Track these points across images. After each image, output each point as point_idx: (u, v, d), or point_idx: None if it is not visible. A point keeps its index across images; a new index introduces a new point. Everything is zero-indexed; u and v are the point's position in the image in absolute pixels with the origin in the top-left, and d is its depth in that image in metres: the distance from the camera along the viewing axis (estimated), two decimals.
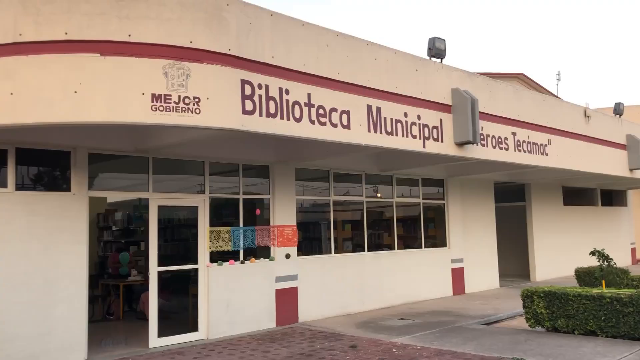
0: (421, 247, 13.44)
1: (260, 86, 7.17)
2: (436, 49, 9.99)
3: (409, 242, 13.33)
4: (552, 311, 8.83)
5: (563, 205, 18.50)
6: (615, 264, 10.30)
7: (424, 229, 13.59)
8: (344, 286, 11.34)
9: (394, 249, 12.76)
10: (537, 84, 24.56)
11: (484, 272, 15.01)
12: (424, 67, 9.77)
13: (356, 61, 8.53)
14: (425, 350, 7.76)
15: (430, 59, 10.09)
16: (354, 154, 10.06)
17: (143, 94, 6.39)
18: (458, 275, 14.08)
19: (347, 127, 8.26)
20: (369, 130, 8.61)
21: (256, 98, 7.10)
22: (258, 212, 10.24)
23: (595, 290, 8.76)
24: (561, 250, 17.69)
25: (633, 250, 22.33)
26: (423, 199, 13.68)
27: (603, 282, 9.64)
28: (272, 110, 7.28)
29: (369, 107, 8.64)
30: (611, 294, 8.39)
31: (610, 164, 15.33)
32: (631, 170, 16.18)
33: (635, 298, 8.07)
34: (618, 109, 16.16)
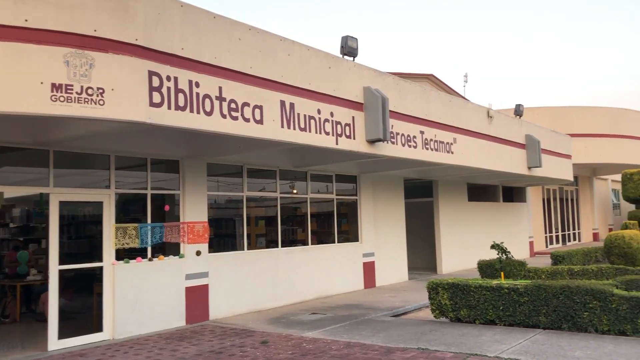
0: (334, 242, 13.65)
1: (169, 78, 6.99)
2: (349, 48, 10.15)
3: (322, 237, 13.49)
4: (456, 302, 9.25)
5: (468, 201, 19.41)
6: (512, 256, 10.95)
7: (337, 224, 13.80)
8: (257, 282, 11.30)
9: (307, 245, 12.86)
10: (445, 85, 25.59)
11: (394, 266, 15.47)
12: (337, 65, 9.90)
13: (269, 56, 8.51)
14: (335, 344, 7.89)
15: (343, 57, 10.23)
16: (267, 149, 10.05)
17: (42, 83, 6.05)
18: (369, 269, 14.43)
19: (260, 122, 8.23)
20: (282, 126, 8.62)
21: (164, 90, 6.91)
22: (167, 208, 9.97)
23: (494, 282, 9.26)
24: (466, 243, 18.57)
25: (531, 244, 23.83)
26: (336, 195, 13.89)
27: (502, 273, 10.23)
28: (181, 103, 7.11)
29: (283, 103, 8.65)
30: (509, 285, 8.91)
31: (511, 162, 16.26)
32: (529, 168, 17.24)
33: (530, 288, 8.62)
34: (518, 111, 17.16)
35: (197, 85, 7.35)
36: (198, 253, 10.15)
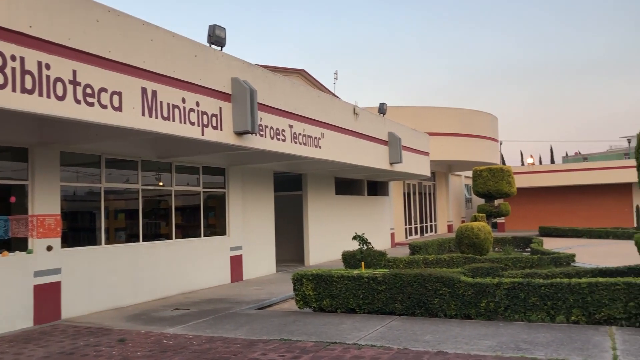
0: (201, 236, 13.37)
1: (14, 58, 6.38)
2: (216, 37, 9.95)
3: (188, 231, 13.15)
4: (319, 292, 9.48)
5: (335, 194, 20.00)
6: (373, 247, 11.46)
7: (204, 217, 13.53)
8: (116, 279, 10.74)
9: (171, 239, 12.46)
10: (316, 81, 26.09)
11: (262, 259, 15.51)
12: (204, 54, 9.66)
13: (130, 41, 8.08)
14: (197, 339, 7.73)
15: (210, 46, 10.01)
16: (128, 138, 9.57)
17: None
18: (237, 263, 14.33)
19: (119, 109, 7.80)
20: (143, 114, 8.24)
21: (8, 71, 6.30)
22: (13, 199, 9.13)
23: (355, 272, 9.62)
24: (333, 235, 19.13)
25: (392, 235, 25.14)
26: (204, 187, 13.60)
27: (362, 263, 10.66)
28: (28, 86, 6.52)
29: (144, 90, 8.26)
30: (369, 274, 9.30)
31: (375, 158, 17.00)
32: (391, 164, 18.14)
33: (388, 277, 9.07)
34: (382, 109, 17.98)
35: (48, 67, 6.78)
36: (49, 248, 9.41)
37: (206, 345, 7.32)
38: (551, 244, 22.22)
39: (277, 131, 11.59)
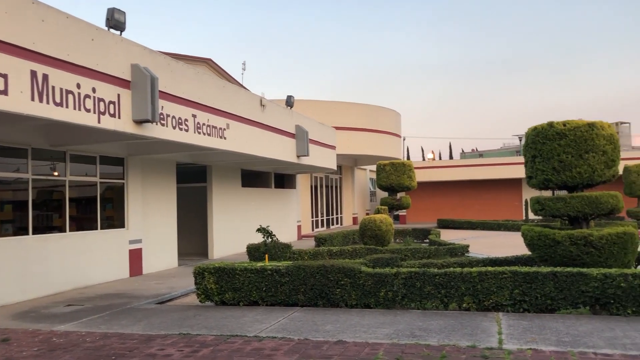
0: (97, 229, 12.76)
1: None
2: (115, 21, 9.51)
3: (83, 223, 12.49)
4: (221, 286, 9.35)
5: (241, 187, 19.82)
6: (277, 239, 11.46)
7: (100, 209, 12.92)
8: (1, 274, 10.01)
9: (65, 231, 11.79)
10: (224, 71, 25.70)
11: (163, 252, 15.08)
12: (102, 38, 9.20)
13: (18, 20, 7.53)
14: (90, 336, 7.38)
15: (108, 30, 9.55)
16: (15, 124, 8.92)
17: None
18: (136, 256, 13.82)
19: (4, 93, 7.25)
20: (32, 99, 7.72)
21: None
22: None
23: (259, 264, 9.59)
24: (239, 228, 18.95)
25: (299, 227, 25.33)
26: (101, 178, 12.98)
27: (266, 256, 10.64)
28: None
29: (34, 73, 7.74)
30: (272, 267, 9.30)
31: (282, 150, 17.01)
32: (298, 157, 18.24)
33: (291, 269, 9.11)
34: (289, 101, 18.01)
35: None
36: None
37: (100, 342, 7.00)
38: (448, 236, 23.33)
39: (180, 121, 11.28)
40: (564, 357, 5.78)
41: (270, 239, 10.85)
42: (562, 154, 10.19)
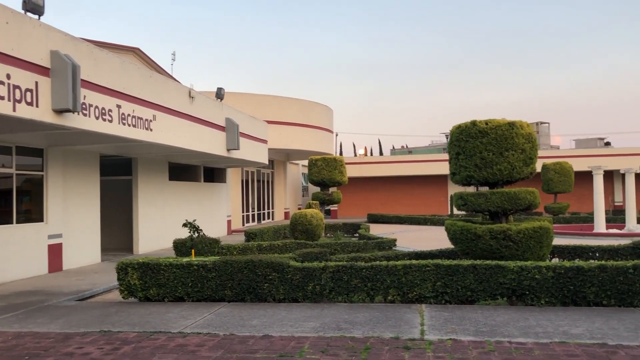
0: (12, 223, 12.08)
1: None
2: (32, 4, 9.01)
3: None
4: (145, 281, 9.09)
5: (169, 180, 19.34)
6: (204, 234, 11.26)
7: (17, 202, 12.24)
8: None
9: None
10: (152, 60, 24.98)
11: (85, 247, 14.49)
12: (18, 22, 8.69)
13: None
14: (2, 335, 6.98)
15: (25, 13, 9.04)
16: None
17: None
18: (55, 252, 13.21)
19: None
20: None
21: None
22: None
23: (185, 259, 9.40)
24: (166, 223, 18.51)
25: (229, 222, 25.04)
26: (17, 169, 12.29)
27: (193, 251, 10.44)
28: None
29: None
30: (198, 262, 9.14)
31: (211, 143, 16.73)
32: (228, 150, 18.01)
33: (218, 264, 8.98)
34: (219, 94, 17.73)
35: None
36: None
37: (12, 342, 6.64)
38: (377, 230, 23.78)
39: (104, 111, 10.86)
40: (481, 346, 6.02)
41: (196, 234, 10.64)
42: (483, 151, 10.57)
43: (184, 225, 10.55)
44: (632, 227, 21.68)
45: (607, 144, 51.94)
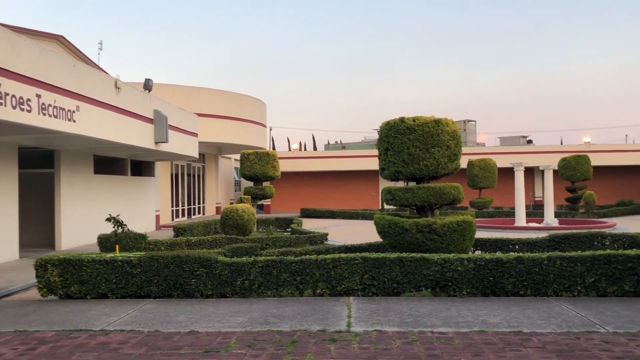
0: None
1: None
2: None
3: None
4: (66, 278, 8.74)
5: (94, 173, 18.63)
6: (128, 229, 10.93)
7: None
8: None
9: None
10: (77, 49, 23.97)
11: (1, 244, 13.73)
12: None
13: None
14: None
15: None
16: None
17: None
18: None
19: None
20: None
21: None
22: None
23: (109, 255, 9.11)
24: (91, 218, 17.82)
25: (158, 217, 24.43)
26: None
27: (117, 246, 10.13)
28: None
29: None
30: (123, 258, 8.87)
31: (138, 136, 16.25)
32: (157, 143, 17.55)
33: (144, 260, 8.76)
34: (147, 85, 17.23)
35: None
36: None
37: None
38: (310, 224, 23.93)
39: (22, 100, 10.32)
40: (405, 337, 6.18)
41: (121, 229, 10.32)
42: (411, 147, 10.84)
43: (108, 220, 10.20)
44: (550, 221, 22.88)
45: (529, 141, 54.50)
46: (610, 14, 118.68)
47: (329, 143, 77.10)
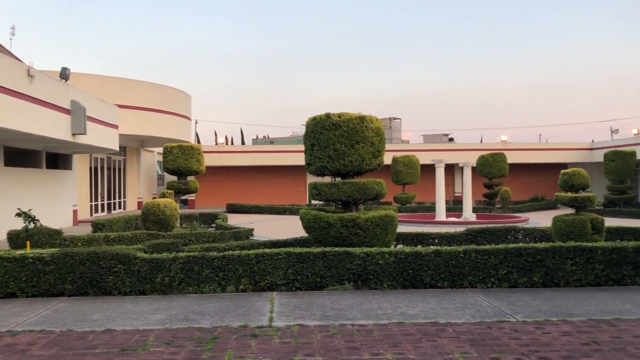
0: None
1: None
2: None
3: None
4: None
5: (4, 166, 17.56)
6: (41, 224, 10.39)
7: None
8: None
9: None
10: None
11: None
12: None
13: None
14: None
15: None
16: None
17: None
18: None
19: None
20: None
21: None
22: None
23: (18, 252, 8.61)
24: (2, 213, 16.79)
25: (75, 212, 23.39)
26: None
27: (28, 243, 9.61)
28: None
29: None
30: (34, 254, 8.43)
31: (54, 127, 15.47)
32: (74, 135, 16.78)
33: (57, 256, 8.35)
34: (64, 74, 16.43)
35: None
36: None
37: None
38: (236, 220, 23.69)
39: None
40: (326, 330, 6.24)
41: (33, 224, 9.78)
42: (336, 143, 10.94)
43: (18, 215, 9.63)
44: (468, 216, 23.82)
45: (451, 139, 56.45)
46: (529, 17, 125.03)
47: (257, 137, 76.58)
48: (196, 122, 55.95)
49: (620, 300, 7.64)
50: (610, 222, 18.49)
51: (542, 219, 22.25)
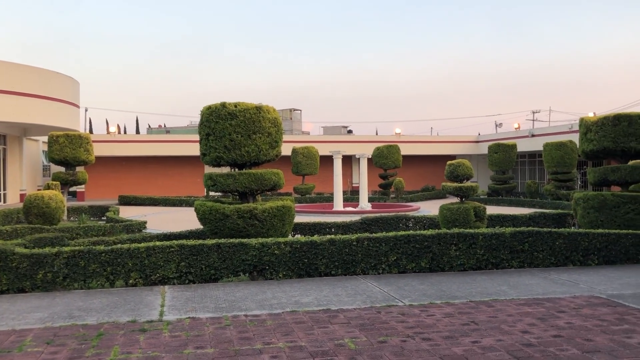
0: None
1: None
2: None
3: None
4: None
5: None
6: None
7: None
8: None
9: None
10: None
11: None
12: None
13: None
14: None
15: None
16: None
17: None
18: None
19: None
20: None
21: None
22: None
23: None
24: None
25: None
26: None
27: None
28: None
29: None
30: None
31: None
32: None
33: None
34: None
35: None
36: None
37: None
38: (129, 212, 22.78)
39: None
40: (219, 322, 6.17)
41: None
42: (233, 133, 10.82)
43: None
44: (364, 205, 24.52)
45: (350, 131, 57.69)
46: (424, 12, 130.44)
47: (149, 127, 73.86)
48: (86, 110, 52.99)
49: (498, 283, 8.22)
50: (493, 209, 19.84)
51: (432, 208, 23.36)
